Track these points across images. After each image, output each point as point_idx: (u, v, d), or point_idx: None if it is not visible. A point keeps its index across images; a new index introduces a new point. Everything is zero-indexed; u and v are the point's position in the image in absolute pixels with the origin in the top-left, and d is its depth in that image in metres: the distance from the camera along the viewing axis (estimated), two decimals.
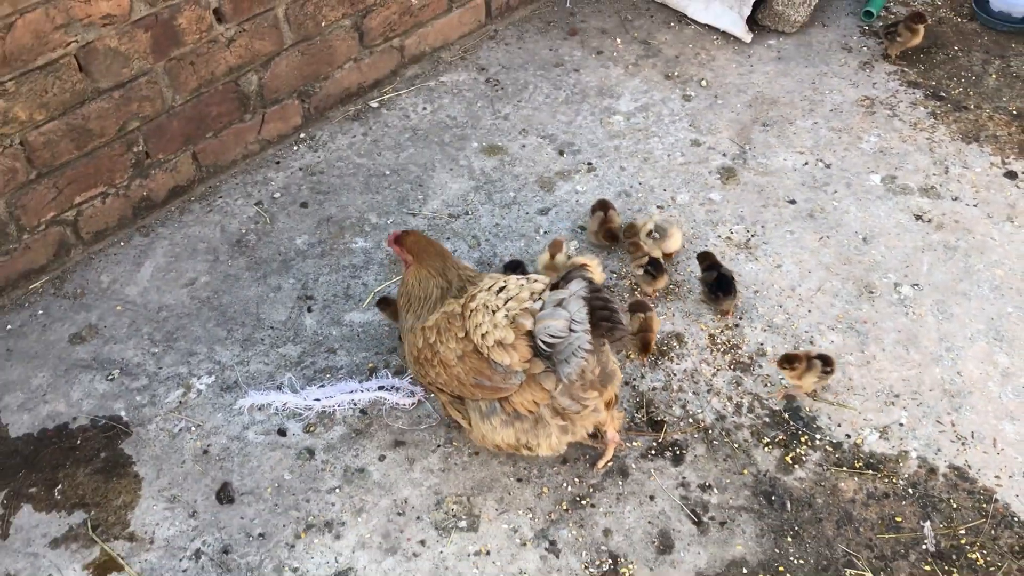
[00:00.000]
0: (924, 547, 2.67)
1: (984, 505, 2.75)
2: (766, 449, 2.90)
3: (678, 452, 2.91)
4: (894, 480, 2.82)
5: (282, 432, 2.99)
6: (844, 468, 2.85)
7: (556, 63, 4.35)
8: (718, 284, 3.19)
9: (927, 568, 2.62)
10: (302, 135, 3.98)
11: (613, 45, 4.44)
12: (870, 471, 2.84)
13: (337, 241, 3.57)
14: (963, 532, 2.70)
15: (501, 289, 2.51)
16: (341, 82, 4.01)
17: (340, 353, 3.20)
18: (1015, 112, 3.99)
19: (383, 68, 4.15)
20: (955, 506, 2.76)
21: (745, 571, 2.64)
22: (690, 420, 2.99)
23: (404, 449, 2.94)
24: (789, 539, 2.70)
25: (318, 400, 3.04)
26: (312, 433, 2.99)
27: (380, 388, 3.05)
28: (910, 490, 2.80)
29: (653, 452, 2.91)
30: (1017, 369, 3.08)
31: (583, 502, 2.79)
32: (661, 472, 2.86)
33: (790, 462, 2.87)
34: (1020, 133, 3.90)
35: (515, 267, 3.31)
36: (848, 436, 2.93)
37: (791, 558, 2.66)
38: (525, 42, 4.46)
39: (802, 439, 2.92)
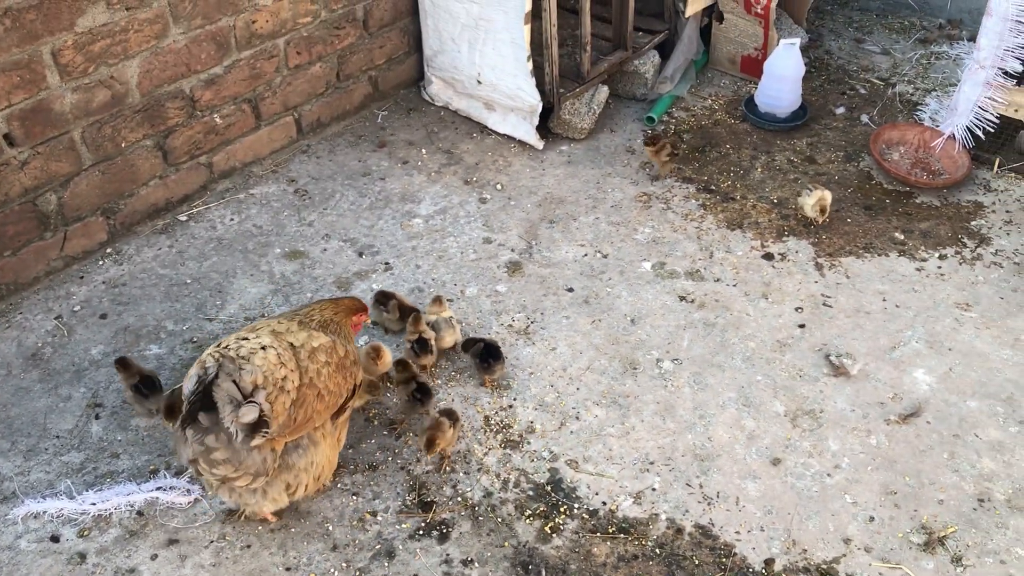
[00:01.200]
0: None
1: (724, 559, 2.95)
2: (527, 521, 3.06)
3: (445, 530, 3.04)
4: (643, 542, 3.00)
5: (55, 538, 3.02)
6: (598, 534, 3.02)
7: (364, 173, 4.62)
8: (487, 352, 3.41)
9: None
10: (108, 250, 4.11)
11: (419, 155, 4.75)
12: (622, 535, 3.02)
13: (132, 349, 3.67)
14: None
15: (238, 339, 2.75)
16: (147, 198, 4.19)
17: (123, 457, 3.27)
18: (776, 200, 4.41)
19: (192, 183, 4.35)
20: (697, 562, 2.95)
21: None
22: (459, 499, 3.14)
23: (177, 547, 3.00)
24: None
25: (94, 504, 3.08)
26: (86, 537, 3.02)
27: (158, 488, 3.12)
28: (658, 550, 2.98)
29: (421, 532, 3.04)
30: (761, 431, 3.34)
31: None
32: (427, 551, 2.99)
33: (549, 532, 3.03)
34: (779, 219, 4.30)
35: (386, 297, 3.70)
36: (604, 503, 3.12)
37: None
38: (336, 154, 4.74)
39: (561, 509, 3.10)
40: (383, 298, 3.73)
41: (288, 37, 4.41)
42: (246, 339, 2.73)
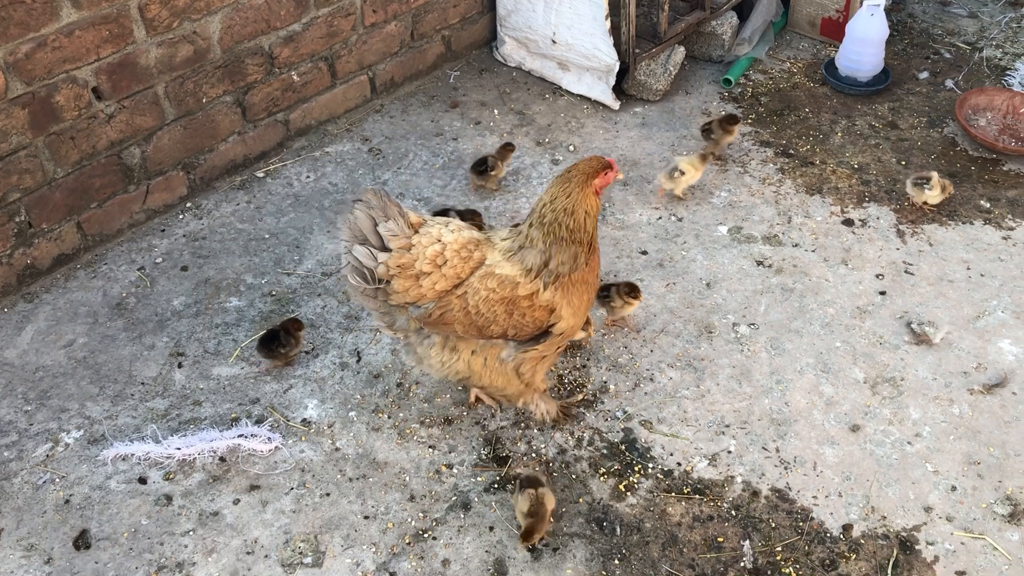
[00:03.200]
0: (742, 564, 2.83)
1: (801, 523, 2.93)
2: (601, 479, 3.07)
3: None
4: (719, 503, 2.99)
5: (143, 480, 3.11)
6: (673, 494, 3.02)
7: (436, 133, 4.63)
8: None
9: None
10: (188, 204, 4.19)
11: (491, 116, 4.73)
12: (697, 496, 3.01)
13: (212, 301, 3.74)
14: (779, 549, 2.86)
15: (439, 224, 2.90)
16: (226, 154, 4.25)
17: (205, 405, 3.35)
18: (856, 166, 4.31)
19: (269, 141, 4.40)
20: (774, 525, 2.93)
21: None
22: (533, 455, 3.16)
23: (258, 492, 3.07)
24: (616, 561, 2.85)
25: (179, 449, 3.17)
26: (172, 480, 3.11)
27: (239, 436, 3.20)
28: (733, 512, 2.97)
29: (496, 486, 3.07)
30: (840, 398, 3.29)
31: (426, 535, 2.93)
32: (502, 504, 3.01)
33: (623, 490, 3.04)
34: (860, 184, 4.20)
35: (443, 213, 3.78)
36: (679, 464, 3.11)
37: None
38: (409, 114, 4.75)
39: (636, 468, 3.10)
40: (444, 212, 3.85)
41: None
42: (445, 227, 2.82)
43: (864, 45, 4.70)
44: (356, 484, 3.08)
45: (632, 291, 3.42)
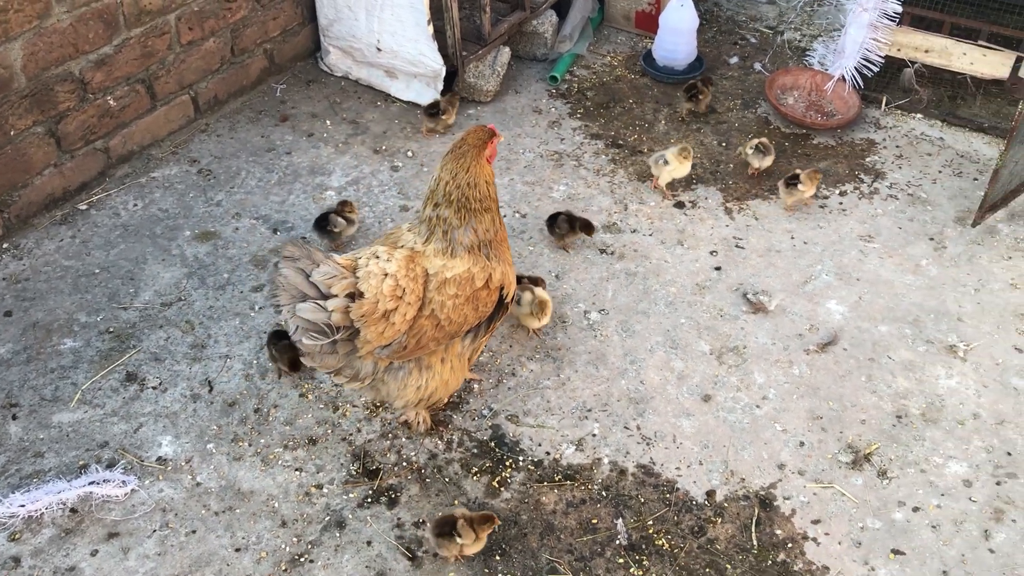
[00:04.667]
0: (618, 542, 2.92)
1: (668, 495, 3.05)
2: (475, 478, 3.09)
3: (393, 496, 3.04)
4: (590, 486, 3.07)
5: None
6: (545, 483, 3.08)
7: (268, 148, 4.51)
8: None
9: (620, 561, 2.87)
10: (5, 245, 3.91)
11: (324, 127, 4.66)
12: (568, 482, 3.08)
13: (44, 345, 3.51)
14: (651, 523, 2.97)
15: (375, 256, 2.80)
16: (43, 188, 3.99)
17: (48, 455, 3.14)
18: None
19: (89, 170, 4.16)
20: (643, 501, 3.04)
21: None
22: (404, 464, 3.14)
23: (118, 540, 2.91)
24: (497, 557, 2.87)
25: (23, 506, 2.95)
26: (18, 540, 2.90)
27: (90, 483, 3.01)
28: (604, 493, 3.06)
29: (369, 500, 3.03)
30: (690, 371, 3.45)
31: (302, 559, 2.86)
32: (377, 517, 2.98)
33: (497, 486, 3.07)
34: None
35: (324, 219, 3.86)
36: (548, 453, 3.17)
37: (499, 575, 2.83)
38: (237, 132, 4.61)
39: (507, 463, 3.14)
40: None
41: (179, 12, 4.25)
42: (378, 257, 2.71)
43: (677, 35, 4.94)
44: (223, 517, 2.97)
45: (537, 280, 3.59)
